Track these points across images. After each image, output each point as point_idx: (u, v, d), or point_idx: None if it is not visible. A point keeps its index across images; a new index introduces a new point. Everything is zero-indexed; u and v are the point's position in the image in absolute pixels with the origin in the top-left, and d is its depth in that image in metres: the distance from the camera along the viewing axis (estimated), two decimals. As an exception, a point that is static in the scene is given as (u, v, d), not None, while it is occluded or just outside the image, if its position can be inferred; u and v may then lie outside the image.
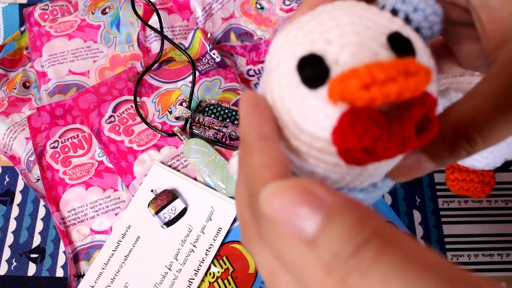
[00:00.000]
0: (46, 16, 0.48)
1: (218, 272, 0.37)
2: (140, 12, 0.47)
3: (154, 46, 0.46)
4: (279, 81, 0.18)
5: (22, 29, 0.48)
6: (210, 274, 0.37)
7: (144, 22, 0.45)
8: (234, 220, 0.38)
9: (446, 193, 0.41)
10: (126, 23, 0.47)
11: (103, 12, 0.48)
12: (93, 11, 0.48)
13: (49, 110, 0.42)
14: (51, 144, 0.42)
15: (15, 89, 0.45)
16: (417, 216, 0.40)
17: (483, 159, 0.35)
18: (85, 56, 0.46)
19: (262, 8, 0.49)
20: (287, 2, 0.49)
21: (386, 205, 0.39)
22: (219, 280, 0.36)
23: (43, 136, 0.42)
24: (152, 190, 0.39)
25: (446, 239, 0.39)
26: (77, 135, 0.42)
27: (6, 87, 0.45)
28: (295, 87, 0.17)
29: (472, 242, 0.39)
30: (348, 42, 0.17)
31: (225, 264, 0.37)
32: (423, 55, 0.19)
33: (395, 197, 0.41)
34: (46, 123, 0.42)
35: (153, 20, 0.47)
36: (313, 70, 0.17)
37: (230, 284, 0.36)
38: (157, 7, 0.46)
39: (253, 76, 0.46)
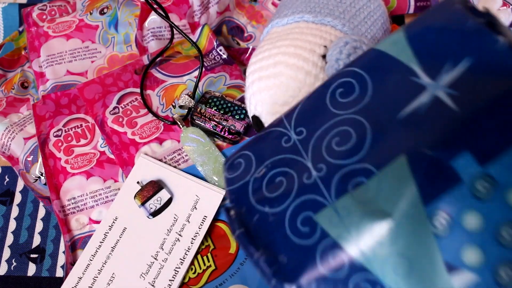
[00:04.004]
0: (44, 17, 0.48)
1: (199, 248, 0.37)
2: (137, 13, 0.47)
3: (151, 45, 0.46)
4: None
5: (20, 29, 0.48)
6: None
7: (160, 13, 0.45)
8: (219, 207, 0.38)
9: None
10: (124, 23, 0.47)
11: (101, 13, 0.48)
12: (91, 11, 0.48)
13: (54, 98, 0.43)
14: (54, 132, 0.42)
15: (13, 89, 0.45)
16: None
17: None
18: (83, 56, 0.46)
19: (255, 0, 0.49)
20: None
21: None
22: (199, 256, 0.37)
23: (47, 124, 0.42)
24: (138, 182, 0.39)
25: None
26: (81, 125, 0.43)
27: (5, 88, 0.46)
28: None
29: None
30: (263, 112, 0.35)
31: (207, 241, 0.37)
32: None
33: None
34: (50, 112, 0.43)
35: (150, 20, 0.47)
36: (257, 127, 0.36)
37: (208, 261, 0.37)
38: (155, 6, 0.46)
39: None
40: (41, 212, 0.41)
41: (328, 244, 0.22)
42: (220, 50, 0.45)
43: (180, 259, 0.36)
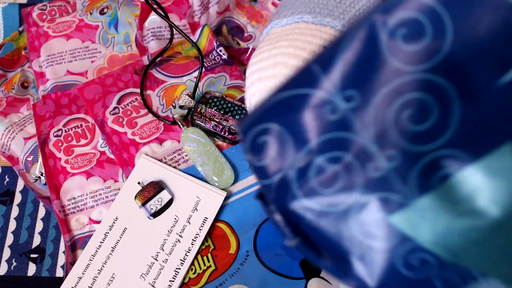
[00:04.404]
0: (44, 17, 0.48)
1: (199, 248, 0.37)
2: (137, 13, 0.47)
3: (151, 45, 0.46)
4: None
5: (20, 29, 0.48)
6: None
7: (160, 13, 0.45)
8: (220, 209, 0.38)
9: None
10: (124, 23, 0.47)
11: (101, 12, 0.48)
12: (91, 11, 0.48)
13: (54, 98, 0.43)
14: (54, 132, 0.42)
15: (13, 89, 0.46)
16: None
17: None
18: (83, 56, 0.46)
19: (255, 0, 0.49)
20: None
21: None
22: (199, 256, 0.37)
23: (47, 124, 0.42)
24: (139, 183, 0.39)
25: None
26: (81, 125, 0.43)
27: (5, 87, 0.46)
28: None
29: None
30: None
31: (207, 241, 0.37)
32: None
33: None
34: (50, 112, 0.43)
35: (150, 20, 0.47)
36: None
37: (208, 261, 0.37)
38: (155, 6, 0.47)
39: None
40: (41, 212, 0.41)
41: (410, 248, 0.18)
42: (220, 51, 0.45)
43: (181, 260, 0.36)
